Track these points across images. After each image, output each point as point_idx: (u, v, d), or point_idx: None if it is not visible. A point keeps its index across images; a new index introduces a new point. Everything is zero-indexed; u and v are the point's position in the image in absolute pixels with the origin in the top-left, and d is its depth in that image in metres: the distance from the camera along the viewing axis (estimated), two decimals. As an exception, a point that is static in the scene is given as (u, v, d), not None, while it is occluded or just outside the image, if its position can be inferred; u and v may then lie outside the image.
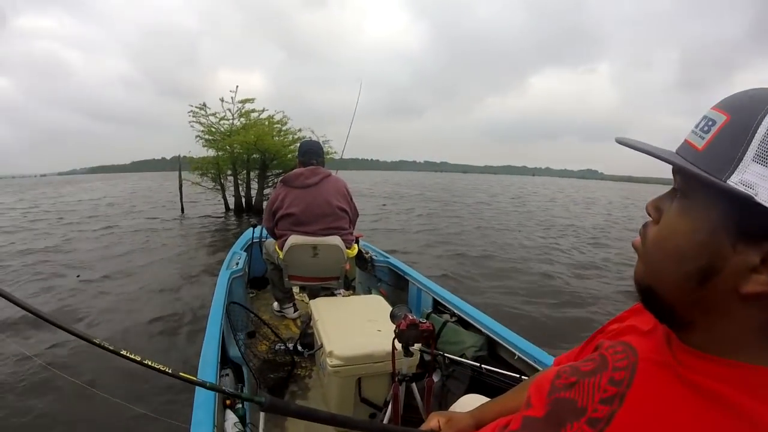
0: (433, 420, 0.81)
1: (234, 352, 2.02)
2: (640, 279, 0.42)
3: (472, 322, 2.17)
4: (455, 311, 2.32)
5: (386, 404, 1.56)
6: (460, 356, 2.00)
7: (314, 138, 11.06)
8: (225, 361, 1.93)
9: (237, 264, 2.89)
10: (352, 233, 2.74)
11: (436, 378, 1.95)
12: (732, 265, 0.34)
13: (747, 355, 0.35)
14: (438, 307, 2.53)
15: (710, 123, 0.36)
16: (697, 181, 0.35)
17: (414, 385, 1.55)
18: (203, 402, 1.30)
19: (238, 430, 1.46)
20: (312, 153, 2.72)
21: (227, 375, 1.80)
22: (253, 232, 3.40)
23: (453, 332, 2.19)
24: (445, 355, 2.00)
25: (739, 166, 0.33)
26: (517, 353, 1.82)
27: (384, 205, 16.85)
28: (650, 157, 0.38)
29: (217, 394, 1.37)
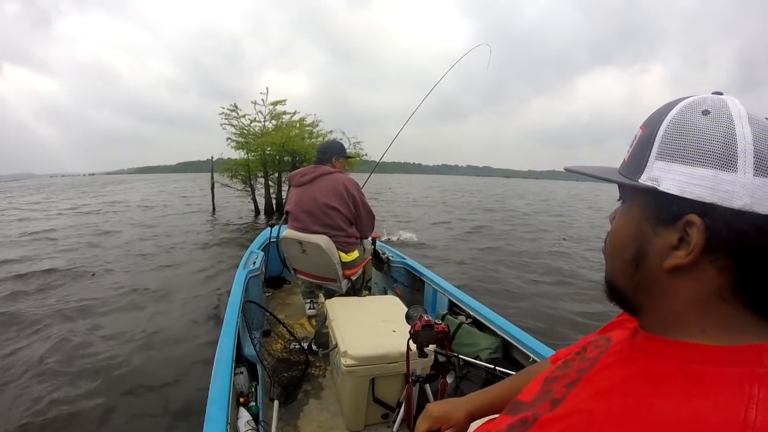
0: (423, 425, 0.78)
1: (249, 350, 2.03)
2: (605, 277, 0.49)
3: (487, 324, 2.15)
4: (471, 313, 2.30)
5: (399, 405, 1.55)
6: (475, 358, 1.97)
7: (344, 140, 11.08)
8: (240, 359, 1.94)
9: (254, 263, 2.92)
10: (351, 235, 2.65)
11: (449, 379, 1.93)
12: (656, 247, 0.41)
13: (686, 333, 0.40)
14: (453, 308, 2.51)
15: (633, 139, 0.45)
16: (623, 186, 0.45)
17: (427, 386, 1.53)
18: (217, 399, 1.31)
19: (251, 427, 1.46)
20: (320, 152, 2.78)
21: (242, 373, 1.81)
22: (270, 231, 3.43)
23: (468, 334, 2.16)
24: (460, 356, 1.98)
25: (647, 166, 0.41)
26: (531, 355, 1.79)
27: (448, 222, 13.07)
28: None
29: (230, 391, 1.37)
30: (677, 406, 0.35)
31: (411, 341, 1.36)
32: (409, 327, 1.37)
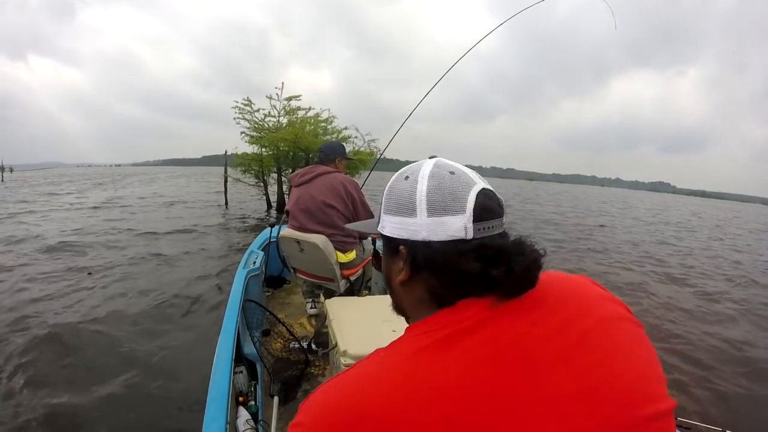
0: None
1: (248, 349, 2.03)
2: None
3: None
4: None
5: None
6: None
7: (358, 136, 10.94)
8: (239, 358, 1.94)
9: (254, 263, 2.92)
10: (349, 235, 2.66)
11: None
12: (392, 271, 0.62)
13: (417, 317, 0.59)
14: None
15: None
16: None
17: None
18: (216, 398, 1.31)
19: (250, 426, 1.46)
20: (322, 152, 2.81)
21: (241, 372, 1.81)
22: (271, 231, 3.43)
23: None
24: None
25: (381, 220, 0.63)
26: None
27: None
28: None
29: (229, 390, 1.37)
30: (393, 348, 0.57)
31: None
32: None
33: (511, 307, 0.52)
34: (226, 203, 14.01)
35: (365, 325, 1.92)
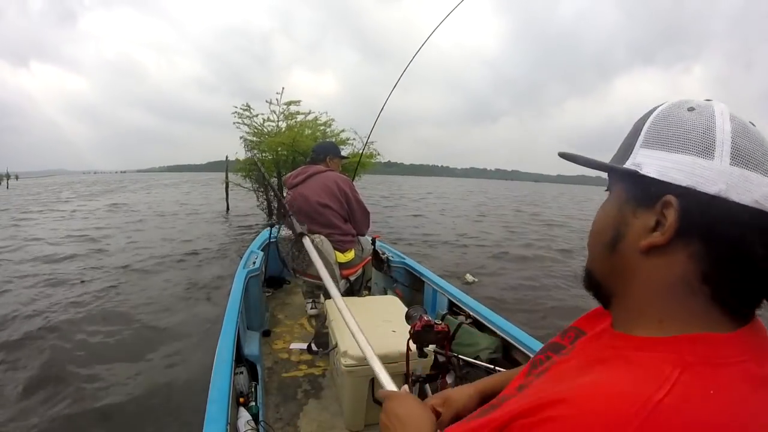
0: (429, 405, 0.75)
1: (249, 350, 2.03)
2: (585, 266, 0.51)
3: (487, 324, 2.15)
4: (470, 313, 2.30)
5: (399, 405, 1.54)
6: (475, 358, 1.97)
7: (357, 139, 10.92)
8: (240, 359, 1.94)
9: (254, 263, 2.92)
10: (347, 233, 2.66)
11: (449, 380, 1.93)
12: (634, 229, 0.43)
13: (644, 324, 0.42)
14: (453, 308, 2.51)
15: (627, 134, 0.48)
16: (610, 175, 0.48)
17: (427, 386, 1.53)
18: (217, 398, 1.31)
19: (251, 427, 1.46)
20: (313, 152, 2.84)
21: (242, 373, 1.82)
22: (270, 231, 3.43)
23: (468, 334, 2.16)
24: (460, 356, 1.98)
25: (632, 153, 0.44)
26: (531, 355, 1.79)
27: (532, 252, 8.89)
28: None
29: (230, 391, 1.37)
30: (598, 378, 0.38)
31: (411, 341, 1.37)
32: (408, 327, 1.37)
33: None
34: (228, 207, 14.02)
35: (365, 326, 1.92)
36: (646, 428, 0.33)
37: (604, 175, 0.50)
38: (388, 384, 0.89)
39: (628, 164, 0.44)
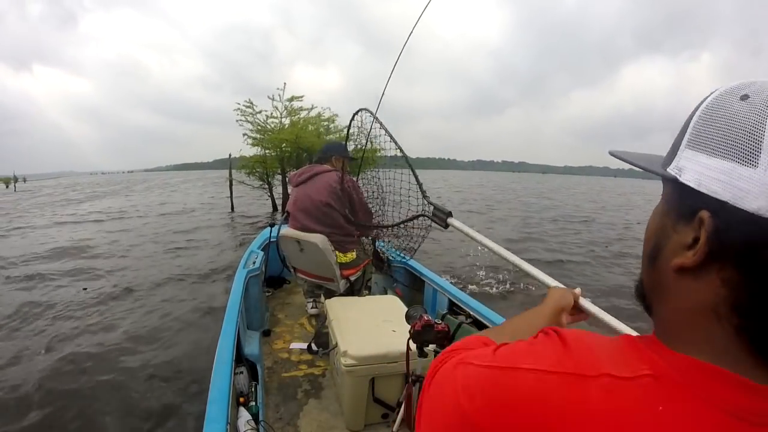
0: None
1: (249, 350, 2.03)
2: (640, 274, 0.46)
3: (487, 323, 2.14)
4: (471, 313, 2.30)
5: (399, 405, 1.54)
6: (475, 358, 1.97)
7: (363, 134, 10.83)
8: (240, 359, 1.94)
9: (254, 263, 2.91)
10: (349, 234, 2.65)
11: (450, 380, 1.92)
12: (671, 243, 0.37)
13: (679, 335, 0.36)
14: (453, 308, 2.50)
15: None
16: (658, 176, 0.40)
17: (428, 386, 1.53)
18: (217, 398, 1.31)
19: (251, 427, 1.46)
20: (320, 152, 2.88)
21: (242, 373, 1.81)
22: (270, 231, 3.42)
23: (468, 334, 2.15)
24: (460, 356, 1.97)
25: (677, 155, 0.37)
26: None
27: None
28: None
29: (230, 391, 1.37)
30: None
31: (411, 341, 1.36)
32: (409, 327, 1.37)
33: None
34: (232, 207, 13.73)
35: (365, 326, 1.92)
36: (504, 381, 0.35)
37: (612, 165, 0.44)
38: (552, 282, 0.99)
39: (672, 168, 0.37)
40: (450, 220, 1.38)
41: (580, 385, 0.33)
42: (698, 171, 0.35)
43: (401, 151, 2.10)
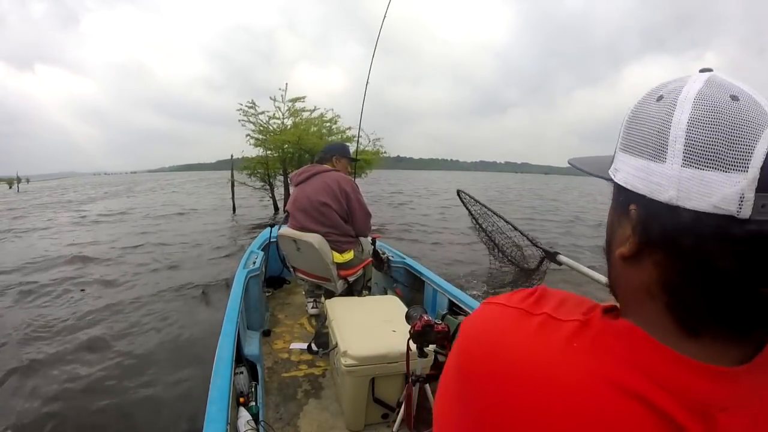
0: None
1: (249, 350, 2.03)
2: None
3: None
4: (471, 313, 2.29)
5: (399, 405, 1.54)
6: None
7: (363, 136, 10.77)
8: (240, 359, 1.94)
9: (254, 263, 2.91)
10: (346, 234, 2.64)
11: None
12: (617, 236, 0.42)
13: (631, 313, 0.40)
14: (453, 308, 2.50)
15: None
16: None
17: (427, 386, 1.53)
18: (217, 399, 1.31)
19: (251, 427, 1.46)
20: (321, 152, 2.89)
21: (242, 373, 1.81)
22: (270, 231, 3.42)
23: (468, 334, 2.16)
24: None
25: (615, 158, 0.42)
26: None
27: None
28: None
29: (230, 391, 1.37)
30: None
31: (411, 341, 1.37)
32: (409, 327, 1.37)
33: None
34: (234, 209, 13.60)
35: (365, 326, 1.92)
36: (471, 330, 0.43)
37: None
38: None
39: (611, 170, 0.42)
40: (559, 257, 1.76)
41: (524, 318, 0.40)
42: (626, 171, 0.40)
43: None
